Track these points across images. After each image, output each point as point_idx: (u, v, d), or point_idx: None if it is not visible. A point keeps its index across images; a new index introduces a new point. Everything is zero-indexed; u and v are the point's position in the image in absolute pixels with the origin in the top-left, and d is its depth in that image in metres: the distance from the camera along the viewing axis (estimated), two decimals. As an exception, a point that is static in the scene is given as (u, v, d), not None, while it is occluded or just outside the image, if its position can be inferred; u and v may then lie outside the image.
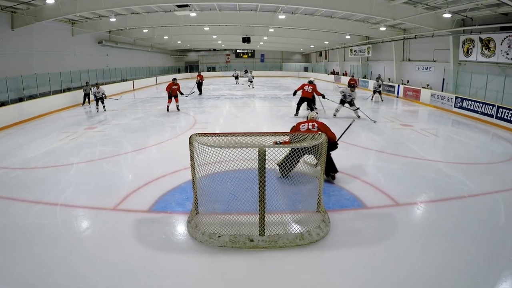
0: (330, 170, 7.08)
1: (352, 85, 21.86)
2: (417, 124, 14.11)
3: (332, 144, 7.04)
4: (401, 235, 5.19)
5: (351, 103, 14.91)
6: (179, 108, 17.11)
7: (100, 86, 18.01)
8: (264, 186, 4.71)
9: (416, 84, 23.92)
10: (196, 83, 25.74)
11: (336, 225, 5.43)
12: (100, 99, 17.66)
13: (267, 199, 4.82)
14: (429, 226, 5.54)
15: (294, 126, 7.40)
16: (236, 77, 36.92)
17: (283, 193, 5.79)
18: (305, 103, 15.21)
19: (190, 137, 5.14)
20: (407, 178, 7.62)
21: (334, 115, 15.11)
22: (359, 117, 14.76)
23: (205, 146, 4.80)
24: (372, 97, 22.31)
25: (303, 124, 7.10)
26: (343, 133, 8.36)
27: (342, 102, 15.11)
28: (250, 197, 5.11)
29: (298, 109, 15.20)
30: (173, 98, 16.87)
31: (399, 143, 10.74)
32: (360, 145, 10.32)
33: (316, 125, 7.04)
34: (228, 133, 5.22)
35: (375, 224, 5.53)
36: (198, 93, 25.22)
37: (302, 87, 15.14)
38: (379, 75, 25.03)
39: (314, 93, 15.13)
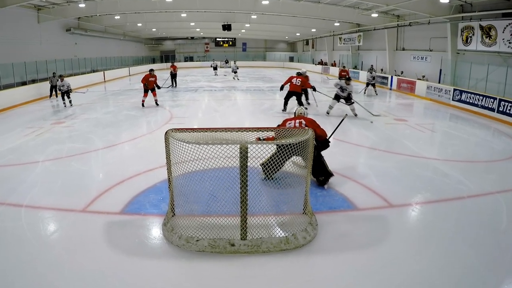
0: (322, 173, 6.87)
1: (345, 77, 21.74)
2: (412, 118, 14.23)
3: (323, 142, 6.96)
4: (395, 239, 5.18)
5: (348, 98, 14.06)
6: (158, 102, 16.51)
7: (65, 79, 17.18)
8: (246, 186, 4.68)
9: (411, 75, 23.80)
10: (171, 73, 25.30)
11: (324, 228, 5.40)
12: (65, 93, 16.83)
13: (249, 200, 4.78)
14: (425, 229, 5.54)
15: (279, 124, 7.31)
16: (215, 68, 36.43)
17: (267, 194, 5.76)
18: (294, 97, 14.60)
19: (166, 132, 5.09)
20: (401, 177, 7.64)
21: (327, 113, 14.29)
22: (356, 115, 14.02)
23: (182, 143, 4.75)
24: (365, 90, 21.85)
25: (289, 122, 7.01)
26: (335, 130, 8.34)
27: (337, 97, 14.24)
28: (231, 198, 5.06)
29: (285, 103, 14.79)
30: (149, 91, 16.19)
31: (393, 139, 10.81)
32: (350, 141, 10.36)
33: (304, 122, 6.92)
34: (207, 129, 5.16)
35: (366, 227, 5.52)
36: (172, 85, 24.88)
37: (289, 80, 14.63)
38: (372, 65, 24.87)
39: (306, 87, 14.94)
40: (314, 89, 15.18)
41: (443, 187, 7.06)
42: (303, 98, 15.71)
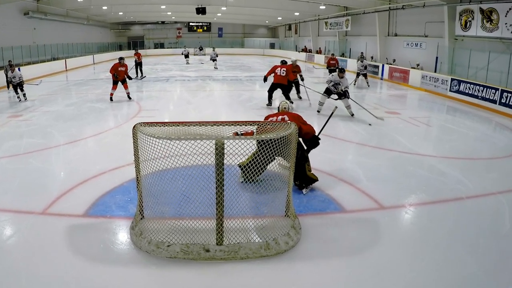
0: (298, 177, 6.59)
1: (335, 67, 21.17)
2: (405, 111, 14.33)
3: (312, 139, 6.85)
4: (387, 245, 5.15)
5: (345, 95, 12.49)
6: (130, 96, 15.65)
7: (16, 69, 16.09)
8: (223, 185, 4.63)
9: (404, 63, 23.75)
10: (135, 62, 24.24)
11: (308, 232, 5.36)
12: (18, 85, 15.58)
13: (226, 201, 4.73)
14: (420, 233, 5.52)
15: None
16: (186, 56, 35.73)
17: (245, 194, 5.73)
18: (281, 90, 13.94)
19: (134, 127, 5.02)
20: (394, 176, 7.66)
21: (318, 111, 13.28)
22: (352, 115, 12.77)
23: (151, 138, 4.68)
24: (355, 81, 21.01)
25: (271, 118, 6.87)
26: (324, 125, 8.22)
27: (328, 91, 12.93)
28: (205, 198, 4.99)
29: (270, 97, 14.19)
30: (120, 84, 15.22)
31: (384, 134, 10.86)
32: (337, 136, 10.33)
33: (287, 118, 6.69)
34: (179, 122, 5.11)
35: (355, 231, 5.50)
36: (137, 75, 23.35)
37: (273, 69, 13.97)
38: (362, 53, 24.36)
39: (290, 78, 14.01)
40: (302, 78, 14.71)
41: (439, 187, 7.09)
42: (294, 92, 15.40)
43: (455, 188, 7.06)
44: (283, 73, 13.77)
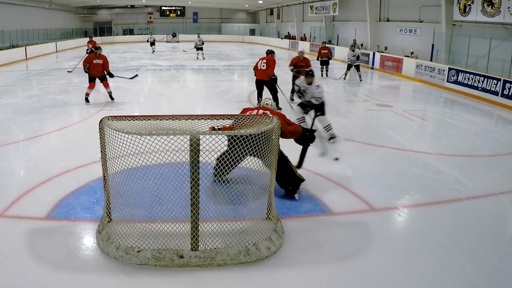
0: (289, 182, 6.44)
1: (327, 57, 19.82)
2: (398, 104, 14.45)
3: (303, 136, 6.61)
4: (378, 250, 5.14)
5: (320, 110, 9.21)
6: (112, 96, 13.86)
7: None
8: (198, 185, 4.61)
9: (397, 51, 23.74)
10: (87, 52, 22.38)
11: (292, 236, 5.35)
12: None
13: (201, 202, 4.71)
14: (414, 238, 5.51)
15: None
16: (152, 43, 35.00)
17: (223, 195, 5.67)
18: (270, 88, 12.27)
19: (101, 121, 4.96)
20: (386, 175, 7.68)
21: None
22: (332, 138, 9.64)
23: (120, 133, 4.64)
24: (345, 75, 19.63)
25: (250, 112, 6.63)
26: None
27: (303, 106, 9.98)
28: (179, 200, 4.95)
29: (259, 95, 12.65)
30: (97, 81, 13.45)
31: (375, 129, 10.93)
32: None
33: (268, 113, 6.33)
34: (150, 116, 5.07)
35: (343, 235, 5.50)
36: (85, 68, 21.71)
37: (257, 63, 12.53)
38: (354, 41, 23.92)
39: (268, 73, 12.09)
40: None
41: (436, 187, 7.09)
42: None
43: (452, 188, 7.09)
44: (263, 66, 12.25)
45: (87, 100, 13.50)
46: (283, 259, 4.88)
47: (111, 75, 13.52)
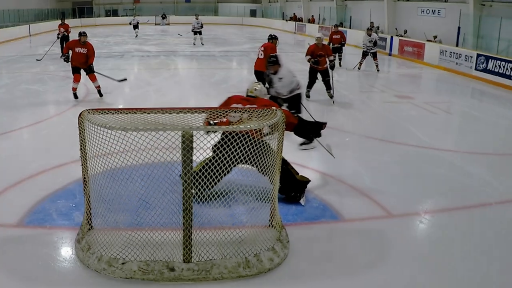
0: (290, 187, 6.35)
1: (340, 43, 19.21)
2: (419, 95, 14.42)
3: (301, 128, 6.41)
4: (396, 262, 5.11)
5: (295, 107, 9.04)
6: (101, 92, 13.34)
7: None
8: (191, 188, 4.60)
9: (419, 35, 23.66)
10: (58, 37, 21.96)
11: (298, 246, 5.33)
12: None
13: (195, 207, 4.70)
14: (437, 247, 5.49)
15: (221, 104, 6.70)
16: (136, 27, 35.10)
17: (219, 199, 5.69)
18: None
19: (81, 114, 4.94)
20: (405, 176, 7.68)
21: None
22: (302, 144, 8.60)
23: (102, 129, 4.62)
24: (360, 64, 18.92)
25: (236, 104, 6.32)
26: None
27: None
28: (169, 204, 4.97)
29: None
30: (83, 73, 12.93)
31: (393, 123, 10.95)
32: (335, 126, 10.13)
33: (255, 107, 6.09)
34: (137, 109, 5.04)
35: (356, 245, 5.49)
36: (63, 55, 20.60)
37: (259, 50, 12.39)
38: (372, 23, 23.83)
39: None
40: (332, 66, 12.15)
41: (462, 190, 7.08)
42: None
43: (481, 191, 7.06)
44: (261, 55, 12.09)
45: (75, 96, 12.94)
46: (288, 272, 4.87)
47: (91, 69, 12.87)
